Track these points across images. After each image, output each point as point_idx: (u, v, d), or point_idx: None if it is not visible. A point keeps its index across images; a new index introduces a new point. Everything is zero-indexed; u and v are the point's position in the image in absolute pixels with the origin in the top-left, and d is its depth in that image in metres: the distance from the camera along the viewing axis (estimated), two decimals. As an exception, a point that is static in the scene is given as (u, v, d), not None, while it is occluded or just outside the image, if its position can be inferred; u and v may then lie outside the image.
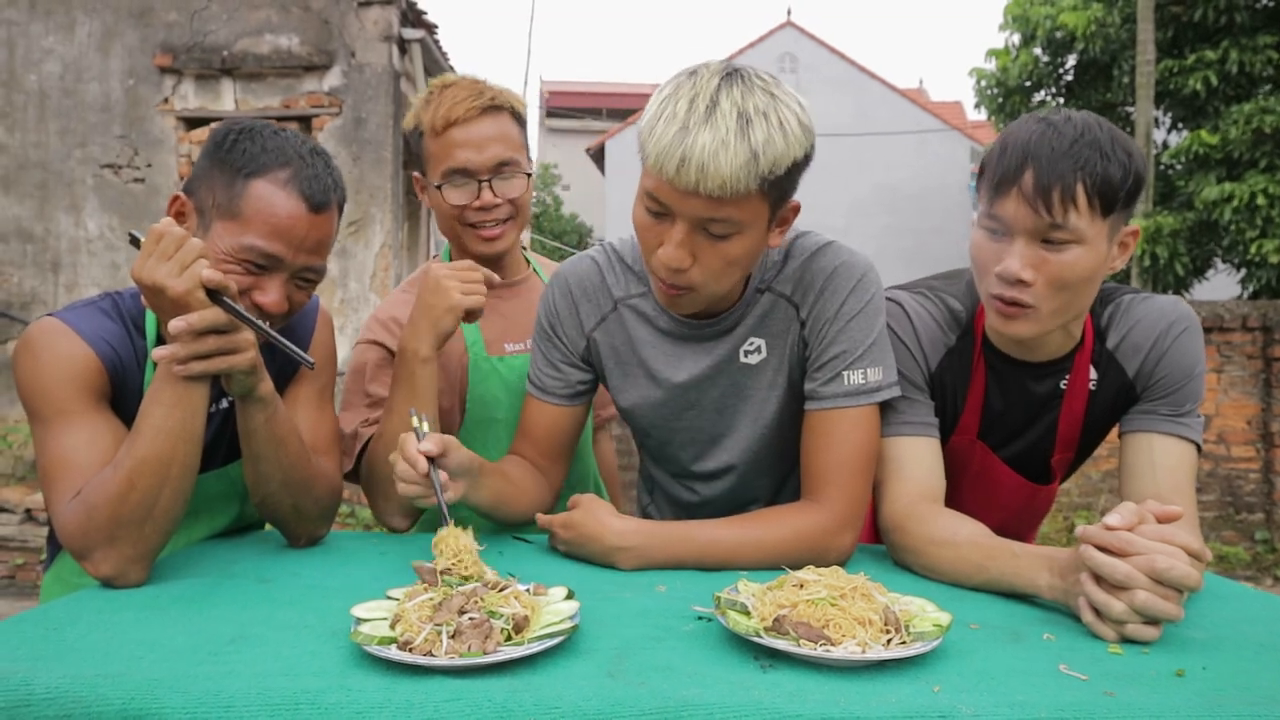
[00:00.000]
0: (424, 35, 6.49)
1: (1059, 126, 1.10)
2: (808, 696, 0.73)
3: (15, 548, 5.32)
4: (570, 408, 1.37)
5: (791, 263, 1.26)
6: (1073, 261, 1.11)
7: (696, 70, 1.07)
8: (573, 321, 1.33)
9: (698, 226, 1.08)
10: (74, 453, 1.07)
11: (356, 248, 6.30)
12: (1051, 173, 1.08)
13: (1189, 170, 8.24)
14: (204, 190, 1.14)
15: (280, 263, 1.14)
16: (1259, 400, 5.85)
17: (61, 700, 0.73)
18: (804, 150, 1.07)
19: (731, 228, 1.08)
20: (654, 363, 1.30)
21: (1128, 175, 1.09)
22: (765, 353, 1.27)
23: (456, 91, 1.45)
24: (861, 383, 1.19)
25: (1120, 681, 0.78)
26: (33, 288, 6.42)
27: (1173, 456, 1.22)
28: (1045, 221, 1.09)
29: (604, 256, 1.34)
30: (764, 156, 1.02)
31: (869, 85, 18.55)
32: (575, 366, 1.35)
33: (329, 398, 1.35)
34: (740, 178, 1.02)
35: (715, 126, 1.01)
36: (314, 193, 1.15)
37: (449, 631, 0.80)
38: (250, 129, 1.16)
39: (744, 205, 1.06)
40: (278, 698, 0.73)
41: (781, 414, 1.30)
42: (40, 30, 6.36)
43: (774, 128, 1.03)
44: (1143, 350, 1.24)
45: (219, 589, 1.05)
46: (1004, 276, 1.14)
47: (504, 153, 1.45)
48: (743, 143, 1.01)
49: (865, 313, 1.21)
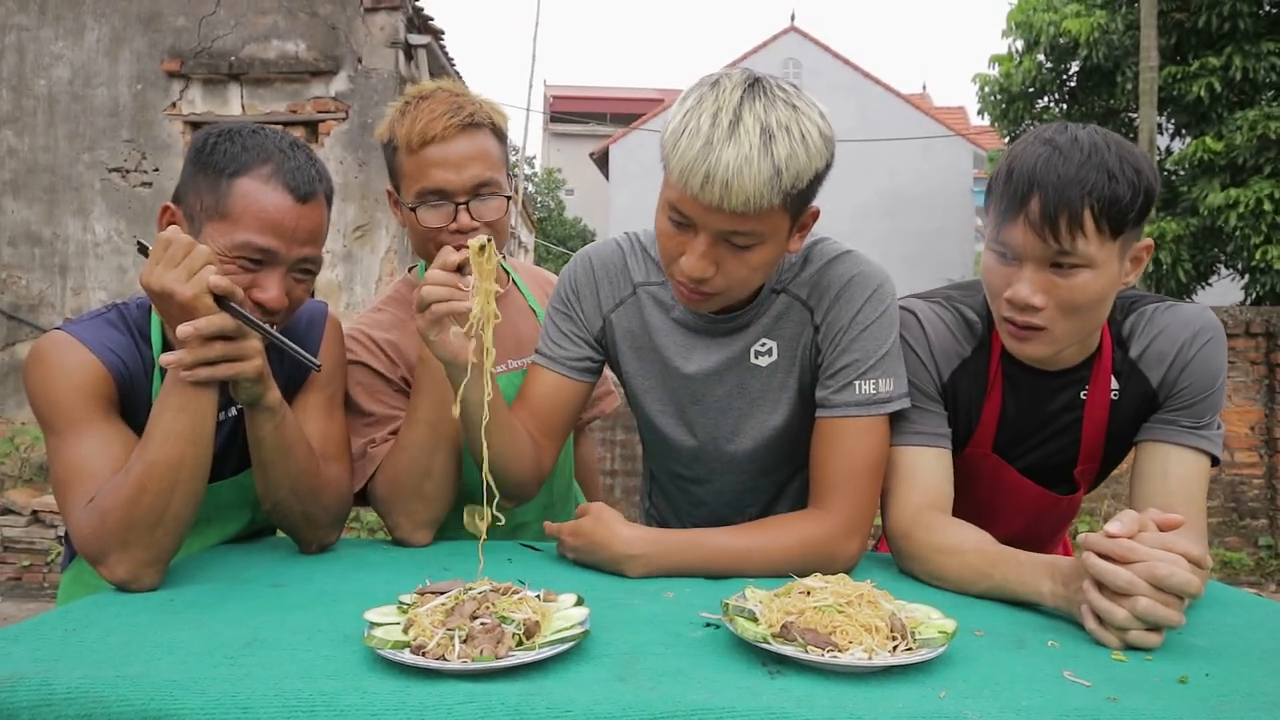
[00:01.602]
0: (430, 41, 6.52)
1: (1065, 150, 1.08)
2: (815, 702, 0.75)
3: (22, 549, 5.35)
4: (574, 381, 1.34)
5: (809, 267, 1.27)
6: (1083, 285, 1.10)
7: (719, 81, 1.07)
8: (592, 300, 1.34)
9: (720, 238, 1.09)
10: (86, 460, 1.09)
11: (362, 253, 6.33)
12: (1058, 200, 1.06)
13: (1192, 176, 8.23)
14: (191, 196, 1.16)
15: (275, 256, 1.15)
16: (1262, 406, 5.85)
17: (82, 700, 0.74)
18: (825, 160, 1.09)
19: (754, 239, 1.09)
20: (666, 350, 1.31)
21: (1137, 194, 1.07)
22: (776, 355, 1.28)
23: (434, 105, 1.36)
24: (873, 392, 1.20)
25: (1124, 688, 0.79)
26: (41, 291, 6.45)
27: (1187, 467, 1.21)
28: (1053, 249, 1.09)
29: (628, 243, 1.36)
30: (787, 172, 1.04)
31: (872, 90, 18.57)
32: (588, 344, 1.35)
33: (339, 405, 1.35)
34: (764, 194, 1.03)
35: (739, 142, 1.02)
36: (299, 184, 1.16)
37: (461, 636, 0.81)
38: (229, 131, 1.18)
39: (766, 218, 1.07)
40: (294, 700, 0.74)
41: (789, 419, 1.30)
42: (50, 35, 6.40)
43: (796, 142, 1.04)
44: (1167, 359, 1.22)
45: (233, 593, 1.06)
46: (1014, 302, 1.13)
47: (483, 173, 1.37)
48: (766, 159, 1.02)
49: (880, 323, 1.22)
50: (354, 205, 6.28)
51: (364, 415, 1.41)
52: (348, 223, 6.26)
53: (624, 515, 1.23)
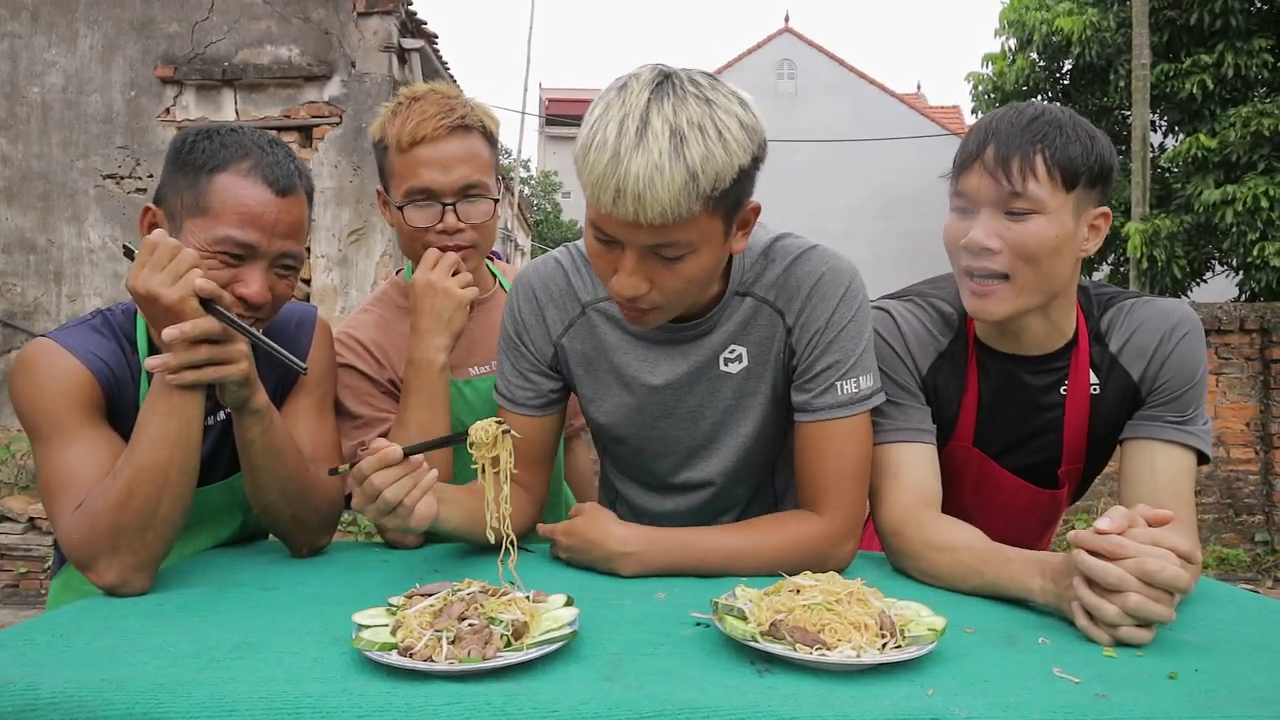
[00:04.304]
0: (423, 45, 6.52)
1: (1020, 109, 1.16)
2: (802, 700, 0.74)
3: (19, 556, 5.33)
4: (543, 418, 1.31)
5: (773, 266, 1.21)
6: (1036, 231, 1.13)
7: (626, 84, 0.99)
8: (539, 328, 1.27)
9: (648, 252, 1.03)
10: (74, 466, 1.09)
11: (358, 256, 6.32)
12: (1010, 144, 1.13)
13: (1186, 174, 8.26)
14: (172, 196, 1.16)
15: (256, 250, 1.15)
16: (1257, 402, 5.86)
17: (66, 705, 0.74)
18: (750, 154, 1.00)
19: (684, 249, 1.02)
20: (627, 368, 1.24)
21: (1089, 154, 1.13)
22: (747, 361, 1.23)
23: (425, 106, 1.37)
24: (855, 391, 1.18)
25: (1114, 684, 0.79)
26: (36, 298, 6.44)
27: (1174, 463, 1.22)
28: (1005, 190, 1.13)
29: (568, 258, 1.27)
30: (704, 174, 0.96)
31: (867, 90, 18.62)
32: (545, 375, 1.29)
33: (328, 408, 1.35)
34: (680, 202, 0.96)
35: (647, 150, 0.94)
36: (278, 178, 1.16)
37: (449, 637, 0.81)
38: (206, 130, 1.18)
39: (692, 226, 1.00)
40: (280, 702, 0.74)
41: (763, 425, 1.27)
42: (43, 43, 6.39)
43: (712, 140, 0.96)
44: (1148, 352, 1.24)
45: (223, 597, 1.06)
46: (969, 248, 1.16)
47: (471, 175, 1.37)
48: (679, 164, 0.94)
49: (856, 320, 1.19)
50: (349, 209, 6.27)
51: (352, 418, 1.41)
52: (343, 227, 6.25)
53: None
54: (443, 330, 1.33)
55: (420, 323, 1.34)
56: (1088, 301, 1.28)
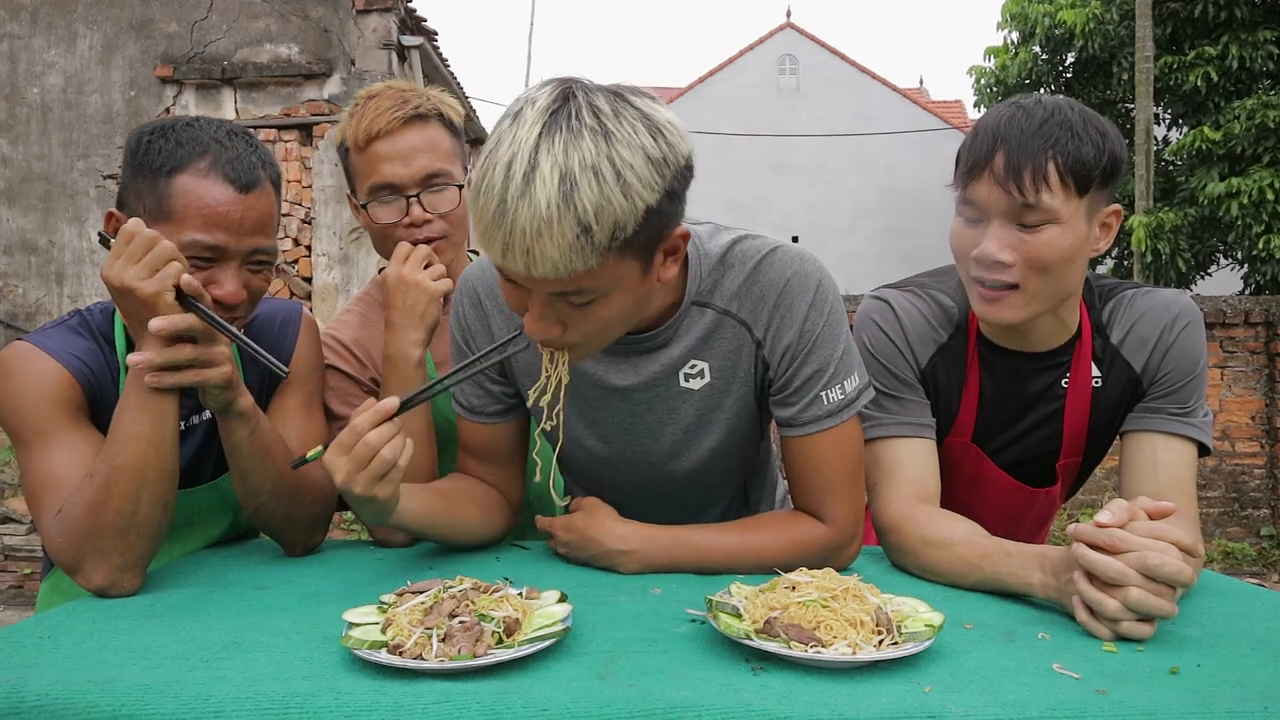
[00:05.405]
0: (423, 42, 6.51)
1: (1029, 109, 1.10)
2: (797, 698, 0.73)
3: (23, 557, 5.35)
4: (504, 423, 1.25)
5: (732, 274, 1.11)
6: (1050, 241, 1.10)
7: (521, 109, 0.87)
8: (485, 335, 1.19)
9: (555, 298, 0.93)
10: (56, 469, 1.07)
11: (358, 254, 6.31)
12: (1022, 152, 1.08)
13: (1190, 166, 8.22)
14: (133, 200, 1.13)
15: (225, 251, 1.12)
16: (1263, 396, 5.83)
17: (51, 707, 0.73)
18: (660, 191, 0.88)
19: (591, 294, 0.92)
20: (580, 383, 1.16)
21: (1101, 154, 1.09)
22: (709, 377, 1.15)
23: (380, 102, 1.35)
24: (841, 398, 1.12)
25: (1114, 679, 0.78)
26: (37, 299, 6.45)
27: (1175, 455, 1.21)
28: (1018, 202, 1.09)
29: None
30: (599, 225, 0.85)
31: (869, 85, 18.56)
32: (497, 382, 1.23)
33: (317, 405, 1.34)
34: (573, 258, 0.85)
35: (534, 200, 0.83)
36: (239, 173, 1.12)
37: (439, 635, 0.80)
38: (162, 127, 1.14)
39: (598, 274, 0.89)
40: (267, 702, 0.73)
41: (727, 438, 1.20)
42: (42, 44, 6.39)
43: (609, 184, 0.84)
44: (1149, 344, 1.22)
45: (214, 597, 1.05)
46: (981, 260, 1.13)
47: (431, 164, 1.35)
48: (569, 216, 0.83)
49: (829, 323, 1.11)
50: (348, 207, 6.27)
51: (336, 419, 1.39)
52: (343, 225, 6.25)
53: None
54: (417, 324, 1.31)
55: (394, 318, 1.32)
56: (1090, 294, 1.27)
